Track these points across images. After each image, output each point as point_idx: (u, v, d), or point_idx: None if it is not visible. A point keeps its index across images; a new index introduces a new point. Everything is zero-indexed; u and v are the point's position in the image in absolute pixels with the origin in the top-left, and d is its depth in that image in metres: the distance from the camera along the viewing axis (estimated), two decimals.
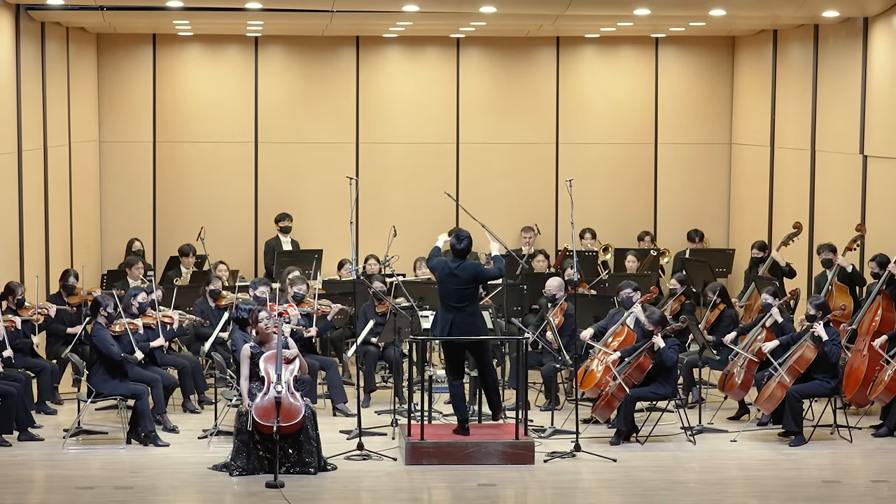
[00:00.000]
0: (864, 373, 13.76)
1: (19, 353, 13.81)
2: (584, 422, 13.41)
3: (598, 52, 19.90)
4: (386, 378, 15.59)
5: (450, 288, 12.56)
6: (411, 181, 19.68)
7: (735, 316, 15.05)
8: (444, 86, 19.82)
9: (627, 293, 14.09)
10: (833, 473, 12.36)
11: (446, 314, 12.57)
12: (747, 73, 19.44)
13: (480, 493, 11.56)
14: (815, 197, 17.14)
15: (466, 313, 12.56)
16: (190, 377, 14.44)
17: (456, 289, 12.54)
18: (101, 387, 13.05)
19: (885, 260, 14.34)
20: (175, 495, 11.62)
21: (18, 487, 11.78)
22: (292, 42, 19.61)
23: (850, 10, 15.80)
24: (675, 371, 13.41)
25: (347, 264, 16.80)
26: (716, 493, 11.75)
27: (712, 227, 19.67)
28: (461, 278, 12.51)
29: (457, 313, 12.53)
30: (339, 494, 11.56)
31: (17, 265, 15.62)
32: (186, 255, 17.42)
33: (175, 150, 19.59)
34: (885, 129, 15.40)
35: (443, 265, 12.62)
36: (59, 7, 15.78)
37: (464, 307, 12.54)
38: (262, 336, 12.30)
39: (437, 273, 12.71)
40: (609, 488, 11.84)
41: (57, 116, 17.38)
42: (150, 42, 19.47)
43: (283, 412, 11.75)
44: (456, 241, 12.67)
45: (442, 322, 12.62)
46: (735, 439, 13.36)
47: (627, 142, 19.92)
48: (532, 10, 16.45)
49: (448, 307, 12.57)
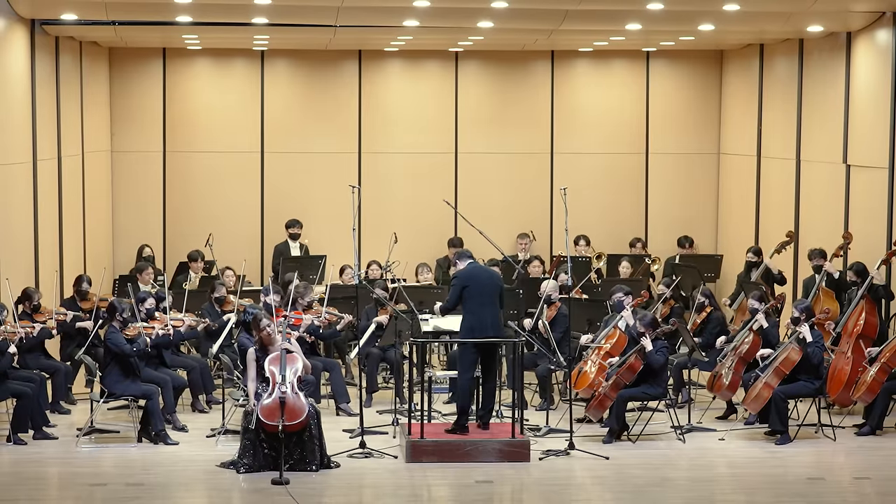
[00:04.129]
0: (847, 374, 13.79)
1: (33, 355, 13.87)
2: (577, 421, 13.42)
3: (592, 66, 19.92)
4: (387, 379, 15.60)
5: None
6: (412, 190, 19.69)
7: (722, 319, 15.06)
8: (443, 98, 19.83)
9: (619, 297, 14.11)
10: (817, 471, 12.36)
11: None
12: (735, 85, 19.46)
13: (478, 490, 11.57)
14: (800, 205, 17.16)
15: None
16: (198, 378, 14.45)
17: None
18: (113, 387, 13.07)
19: (862, 268, 14.38)
20: (184, 492, 11.63)
21: (33, 484, 11.79)
22: (297, 56, 19.63)
23: (834, 26, 15.83)
24: (665, 372, 13.43)
25: (349, 269, 16.81)
26: (704, 489, 11.77)
27: (701, 234, 19.67)
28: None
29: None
30: (342, 491, 11.57)
31: (32, 270, 15.64)
32: (195, 261, 17.42)
33: (184, 159, 19.61)
34: (868, 140, 15.42)
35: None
36: (72, 22, 15.80)
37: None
38: (265, 340, 12.31)
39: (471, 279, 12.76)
40: (601, 485, 11.85)
41: (71, 127, 17.40)
42: (161, 56, 19.49)
43: (287, 411, 11.77)
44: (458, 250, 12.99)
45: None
46: (723, 438, 13.37)
47: (619, 151, 19.93)
48: (528, 25, 16.47)
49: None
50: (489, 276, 12.86)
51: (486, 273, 12.92)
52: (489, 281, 12.74)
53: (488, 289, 12.67)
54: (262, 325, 12.35)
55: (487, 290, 12.66)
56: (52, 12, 15.44)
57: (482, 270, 12.96)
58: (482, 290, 12.64)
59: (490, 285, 12.71)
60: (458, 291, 12.66)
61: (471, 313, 12.63)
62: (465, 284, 12.65)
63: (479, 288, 12.63)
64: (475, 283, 12.65)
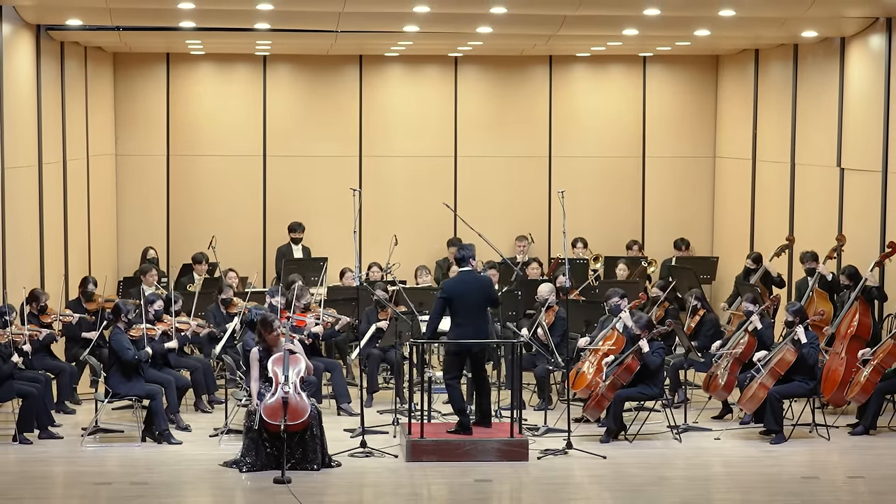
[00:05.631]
0: (841, 374, 13.79)
1: (39, 355, 13.89)
2: (575, 421, 13.43)
3: (589, 70, 19.94)
4: (388, 379, 15.61)
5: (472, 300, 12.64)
6: (412, 193, 19.70)
7: (716, 320, 15.09)
8: (442, 102, 19.85)
9: (615, 301, 14.12)
10: (811, 470, 12.37)
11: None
12: (730, 89, 19.47)
13: (477, 489, 11.58)
14: (795, 208, 17.17)
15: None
16: (201, 378, 14.46)
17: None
18: (117, 388, 13.08)
19: (854, 271, 14.40)
20: (188, 490, 11.64)
21: (39, 483, 11.80)
22: (299, 61, 19.65)
23: (828, 31, 15.85)
24: (662, 372, 13.44)
25: (349, 272, 16.82)
26: (700, 488, 11.78)
27: (697, 236, 19.69)
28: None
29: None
30: (343, 489, 11.57)
31: (37, 272, 15.65)
32: (199, 263, 17.44)
33: (188, 163, 19.62)
34: (861, 143, 15.44)
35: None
36: (77, 28, 15.82)
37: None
38: (272, 341, 12.30)
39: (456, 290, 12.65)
40: (599, 484, 11.86)
41: (76, 131, 17.42)
42: (164, 61, 19.50)
43: (290, 411, 11.78)
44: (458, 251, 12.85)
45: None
46: (719, 437, 13.39)
47: (616, 155, 19.95)
48: (526, 31, 16.49)
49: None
50: (479, 286, 12.65)
51: (477, 283, 12.67)
52: (477, 293, 12.59)
53: (475, 301, 12.56)
54: (275, 326, 12.32)
55: (474, 302, 12.56)
56: (57, 18, 15.45)
57: (472, 280, 12.68)
58: (469, 302, 12.53)
59: (479, 297, 12.58)
60: (441, 306, 12.56)
61: (457, 325, 12.58)
62: (449, 298, 12.53)
63: (466, 301, 12.52)
64: (459, 298, 12.52)
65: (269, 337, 12.30)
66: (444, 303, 12.56)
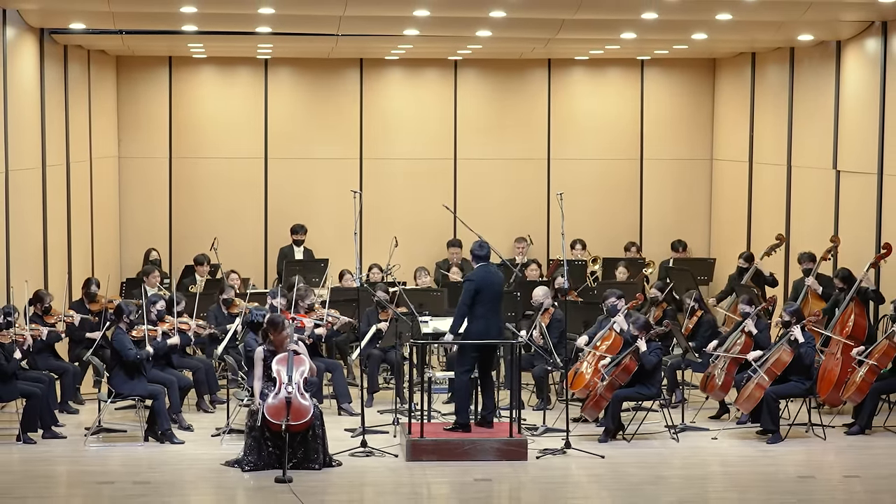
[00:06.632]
0: (837, 375, 13.80)
1: (42, 356, 13.90)
2: (573, 420, 13.43)
3: (587, 74, 19.96)
4: (388, 379, 15.61)
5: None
6: (412, 195, 19.71)
7: (713, 321, 15.10)
8: (442, 105, 19.86)
9: (612, 302, 14.12)
10: (808, 469, 12.38)
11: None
12: (727, 93, 19.49)
13: (477, 488, 11.58)
14: (791, 209, 17.19)
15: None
16: (203, 379, 14.47)
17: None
18: (120, 388, 13.08)
19: (848, 274, 14.40)
20: (190, 489, 11.65)
21: (42, 482, 11.80)
22: (300, 64, 19.66)
23: (824, 35, 15.86)
24: (659, 373, 13.45)
25: (347, 274, 16.83)
26: (698, 487, 11.79)
27: (694, 238, 19.70)
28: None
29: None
30: (344, 489, 11.58)
31: (41, 273, 15.66)
32: (201, 265, 17.45)
33: (190, 165, 19.64)
34: (857, 146, 15.45)
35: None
36: (80, 31, 15.83)
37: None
38: (279, 341, 12.27)
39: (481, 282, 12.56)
40: (597, 483, 11.87)
41: (79, 134, 17.43)
42: (167, 64, 19.52)
43: (293, 411, 11.78)
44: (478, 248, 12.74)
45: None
46: (716, 437, 13.39)
47: (615, 157, 19.96)
48: (525, 34, 16.50)
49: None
50: (499, 280, 12.69)
51: (497, 277, 12.68)
52: (498, 287, 12.63)
53: (497, 295, 12.58)
54: (284, 325, 12.29)
55: (496, 296, 12.56)
56: (61, 22, 15.47)
57: (494, 274, 12.67)
58: (493, 296, 12.52)
59: (499, 290, 12.62)
60: (472, 295, 12.41)
61: (478, 319, 12.49)
62: (479, 289, 12.45)
63: (490, 294, 12.49)
64: (487, 289, 12.47)
65: (277, 337, 12.28)
66: (474, 291, 12.42)
